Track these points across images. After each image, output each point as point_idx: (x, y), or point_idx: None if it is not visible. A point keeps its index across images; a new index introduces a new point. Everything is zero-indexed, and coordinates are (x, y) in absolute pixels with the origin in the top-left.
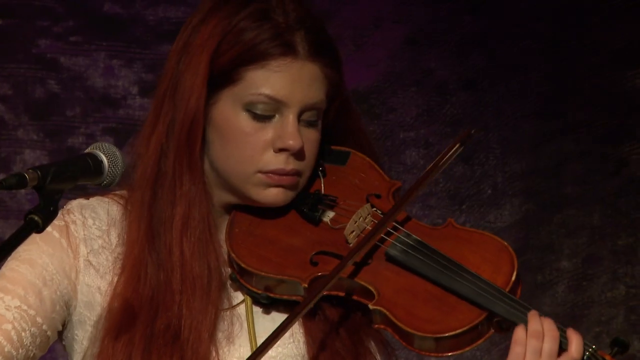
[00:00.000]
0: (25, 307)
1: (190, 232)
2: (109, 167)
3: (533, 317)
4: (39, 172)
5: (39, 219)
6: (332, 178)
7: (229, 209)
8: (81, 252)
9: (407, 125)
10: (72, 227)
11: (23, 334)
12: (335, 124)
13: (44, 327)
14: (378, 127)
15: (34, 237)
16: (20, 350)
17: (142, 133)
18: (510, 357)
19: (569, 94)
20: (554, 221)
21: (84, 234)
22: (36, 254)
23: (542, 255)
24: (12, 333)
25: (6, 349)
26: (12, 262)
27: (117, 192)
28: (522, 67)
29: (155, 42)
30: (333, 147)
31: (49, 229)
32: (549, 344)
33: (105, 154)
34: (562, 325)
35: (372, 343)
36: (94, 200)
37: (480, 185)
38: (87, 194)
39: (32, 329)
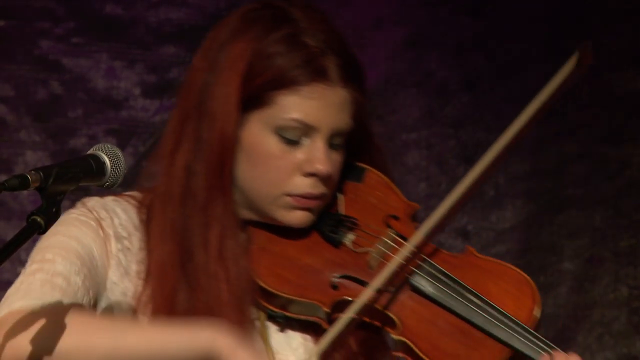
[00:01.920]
0: (83, 276)
1: (228, 252)
2: (111, 168)
3: (558, 354)
4: (41, 174)
5: (41, 220)
6: (351, 197)
7: (246, 223)
8: (113, 248)
9: (408, 127)
10: (103, 222)
11: (85, 297)
12: (351, 139)
13: (92, 302)
14: (380, 128)
15: (72, 219)
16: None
17: (164, 145)
18: None
19: (569, 95)
20: (556, 222)
21: (114, 232)
22: (81, 234)
23: (544, 257)
24: (78, 293)
25: (84, 300)
26: (57, 237)
27: (129, 193)
28: (523, 68)
29: (156, 43)
30: (348, 161)
31: (82, 217)
32: None
33: (108, 155)
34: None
35: None
36: (110, 201)
37: (482, 186)
38: (93, 194)
39: (88, 295)
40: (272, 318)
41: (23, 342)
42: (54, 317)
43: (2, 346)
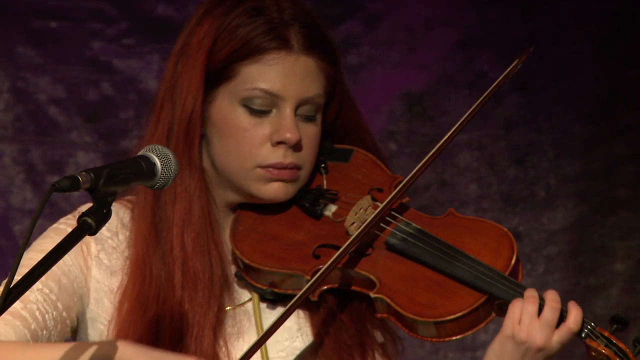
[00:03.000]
0: (47, 291)
1: (191, 227)
2: (161, 169)
3: (530, 289)
4: (92, 175)
5: (92, 221)
6: (335, 175)
7: (234, 208)
8: (92, 249)
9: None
10: None
11: (46, 315)
12: (338, 122)
13: (64, 314)
14: (431, 130)
15: (48, 232)
16: (44, 332)
17: (145, 137)
18: (506, 321)
19: (620, 96)
20: (607, 223)
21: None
22: (52, 246)
23: (596, 258)
24: (37, 313)
25: (32, 326)
26: (29, 254)
27: (126, 198)
28: (574, 69)
29: None
30: (336, 146)
31: (61, 225)
32: (549, 312)
33: (158, 156)
34: None
35: (378, 332)
36: None
37: (534, 187)
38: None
39: (54, 313)
40: (264, 298)
41: None
42: None
43: None
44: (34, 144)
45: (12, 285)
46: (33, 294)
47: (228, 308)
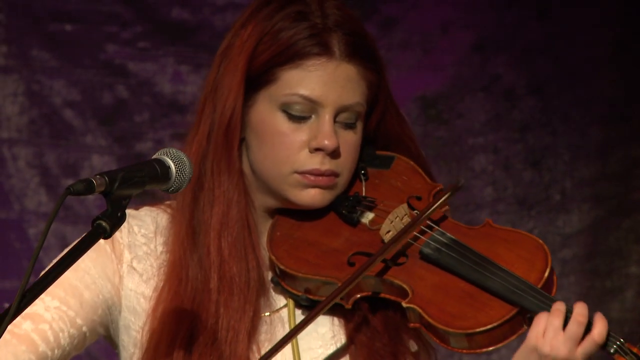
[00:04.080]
0: (64, 308)
1: (228, 231)
2: (176, 172)
3: (558, 302)
4: (106, 178)
5: (106, 224)
6: (375, 181)
7: (272, 213)
8: (125, 258)
9: (475, 131)
10: (117, 233)
11: (61, 334)
12: (381, 130)
13: (84, 328)
14: (446, 133)
15: (78, 241)
16: (56, 351)
17: (187, 139)
18: (530, 332)
19: (636, 99)
20: (623, 227)
21: (129, 241)
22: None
23: (611, 261)
24: (49, 333)
25: (40, 349)
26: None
27: (167, 202)
28: (589, 72)
29: None
30: (378, 152)
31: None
32: (574, 326)
33: (173, 159)
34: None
35: (412, 342)
36: (143, 211)
37: (549, 190)
38: (144, 201)
39: (70, 330)
40: (299, 304)
41: None
42: None
43: None
44: (49, 147)
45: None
46: (49, 312)
47: (267, 314)
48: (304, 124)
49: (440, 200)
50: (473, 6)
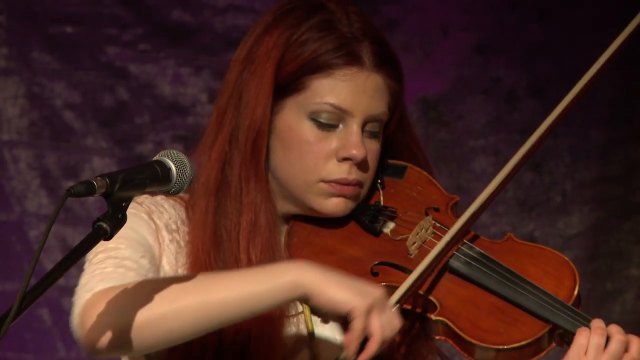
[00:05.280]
0: (152, 267)
1: (258, 239)
2: (177, 174)
3: (597, 320)
4: (107, 180)
5: (107, 226)
6: (391, 191)
7: (288, 219)
8: (164, 237)
9: (476, 133)
10: (153, 215)
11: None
12: (394, 138)
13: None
14: (447, 135)
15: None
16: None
17: (203, 142)
18: (571, 352)
19: (636, 101)
20: (624, 229)
21: (164, 223)
22: (135, 224)
23: (612, 263)
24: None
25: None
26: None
27: (179, 195)
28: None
29: (223, 50)
30: (390, 161)
31: (133, 210)
32: (616, 344)
33: (174, 161)
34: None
35: (430, 356)
36: (159, 199)
37: (550, 192)
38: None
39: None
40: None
41: (116, 319)
42: (138, 291)
43: (98, 325)
44: (50, 149)
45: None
46: (142, 260)
47: (293, 312)
48: (332, 132)
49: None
50: (474, 8)
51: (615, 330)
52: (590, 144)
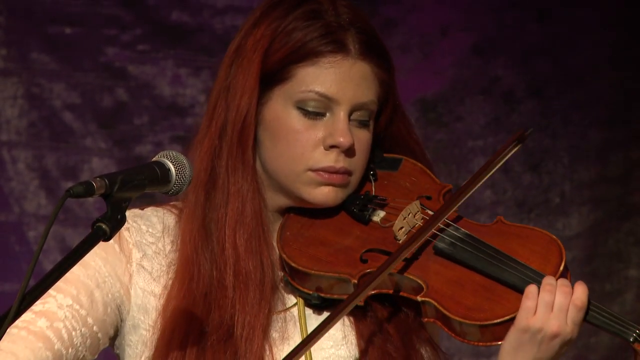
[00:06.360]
0: (77, 307)
1: (244, 228)
2: (176, 175)
3: (548, 276)
4: (106, 181)
5: (106, 227)
6: (383, 182)
7: (282, 213)
8: (134, 256)
9: (474, 134)
10: (125, 232)
11: (73, 332)
12: (388, 132)
13: (95, 328)
14: (445, 135)
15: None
16: (70, 350)
17: (196, 137)
18: (519, 316)
19: (635, 102)
20: (622, 229)
21: (137, 240)
22: (89, 257)
23: (611, 264)
24: (63, 331)
25: (56, 347)
26: None
27: (172, 203)
28: (589, 74)
29: (222, 50)
30: (386, 155)
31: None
32: (561, 297)
33: (173, 162)
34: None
35: (424, 346)
36: (149, 211)
37: (548, 193)
38: (146, 203)
39: (82, 329)
40: (309, 303)
41: None
42: None
43: None
44: (49, 150)
45: (26, 292)
46: (62, 310)
47: (280, 310)
48: (319, 121)
49: (511, 153)
50: (473, 8)
51: (560, 282)
52: (589, 145)
